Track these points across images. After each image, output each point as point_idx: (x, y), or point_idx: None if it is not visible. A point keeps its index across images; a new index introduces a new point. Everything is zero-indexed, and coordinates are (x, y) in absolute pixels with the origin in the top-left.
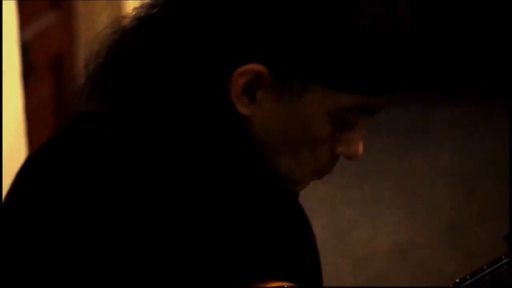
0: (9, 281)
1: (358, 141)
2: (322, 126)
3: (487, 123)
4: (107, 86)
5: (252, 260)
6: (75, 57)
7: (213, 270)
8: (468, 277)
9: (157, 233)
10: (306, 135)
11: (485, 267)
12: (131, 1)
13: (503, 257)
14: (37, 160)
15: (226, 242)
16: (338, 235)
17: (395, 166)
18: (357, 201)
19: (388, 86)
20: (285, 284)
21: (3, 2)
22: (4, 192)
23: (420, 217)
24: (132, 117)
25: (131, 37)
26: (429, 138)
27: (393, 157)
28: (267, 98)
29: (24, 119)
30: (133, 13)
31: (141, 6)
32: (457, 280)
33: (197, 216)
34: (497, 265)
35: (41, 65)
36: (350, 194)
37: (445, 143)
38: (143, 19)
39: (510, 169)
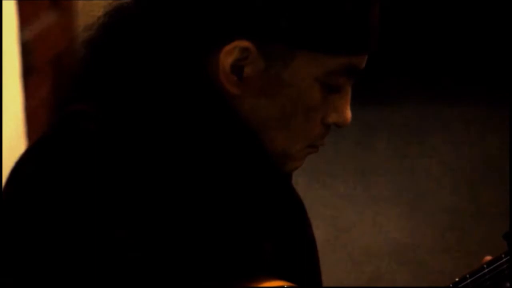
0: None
1: (346, 108)
2: (312, 93)
3: (487, 123)
4: (90, 83)
5: (248, 257)
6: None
7: (208, 267)
8: (468, 276)
9: (148, 227)
10: (298, 105)
11: (484, 266)
12: None
13: (503, 255)
14: (27, 160)
15: (221, 237)
16: (338, 235)
17: (395, 166)
18: (357, 201)
19: (367, 44)
20: (284, 284)
21: (3, 2)
22: None
23: (420, 217)
24: (120, 111)
25: (107, 30)
26: (429, 138)
27: (393, 157)
28: (256, 74)
29: (24, 119)
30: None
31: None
32: (457, 279)
33: (189, 208)
34: (497, 264)
35: (41, 65)
36: (350, 194)
37: (445, 143)
38: (118, 10)
39: (510, 169)
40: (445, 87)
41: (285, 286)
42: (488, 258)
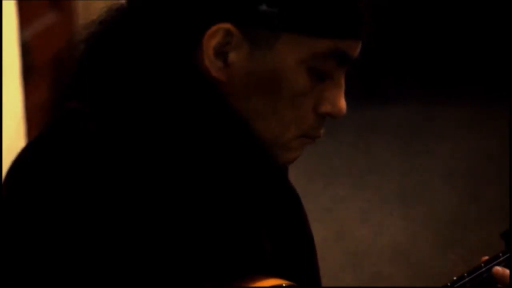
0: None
1: (340, 98)
2: (298, 77)
3: (487, 123)
4: (83, 81)
5: (248, 257)
6: None
7: (207, 267)
8: (465, 274)
9: (147, 227)
10: (285, 90)
11: (482, 264)
12: None
13: (501, 254)
14: (24, 159)
15: (220, 236)
16: (338, 235)
17: (395, 166)
18: (357, 201)
19: (352, 28)
20: (284, 282)
21: (3, 2)
22: None
23: (420, 217)
24: (112, 109)
25: (102, 29)
26: (430, 138)
27: (394, 157)
28: (240, 58)
29: (24, 119)
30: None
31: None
32: (455, 278)
33: (188, 206)
34: (495, 263)
35: (41, 65)
36: (350, 194)
37: (445, 143)
38: (114, 10)
39: (510, 169)
40: (444, 87)
41: (284, 285)
42: (486, 258)
